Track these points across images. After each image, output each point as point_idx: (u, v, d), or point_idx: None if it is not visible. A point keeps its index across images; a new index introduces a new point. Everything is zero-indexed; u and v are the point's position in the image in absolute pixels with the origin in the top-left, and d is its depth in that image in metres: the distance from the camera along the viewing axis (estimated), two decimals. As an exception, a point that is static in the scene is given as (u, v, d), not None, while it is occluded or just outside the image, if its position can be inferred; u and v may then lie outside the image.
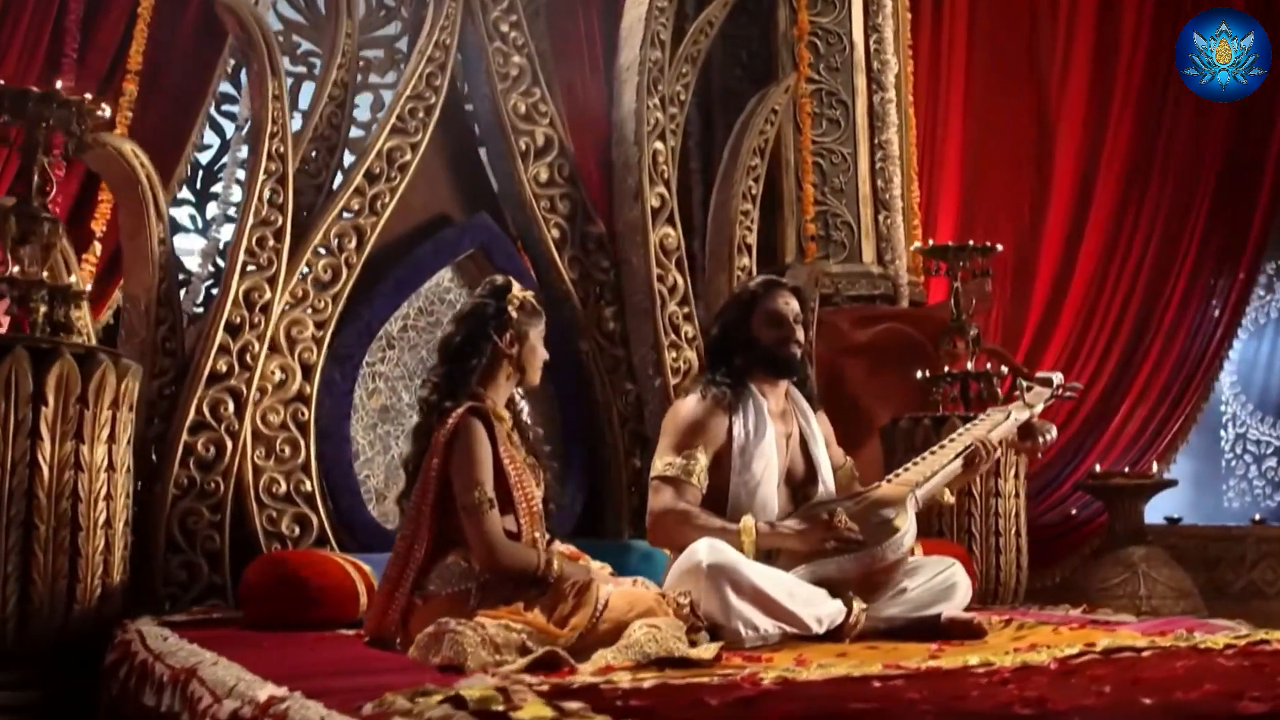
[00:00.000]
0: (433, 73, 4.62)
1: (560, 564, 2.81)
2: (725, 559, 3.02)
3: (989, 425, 3.70)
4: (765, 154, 5.29)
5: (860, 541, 3.24)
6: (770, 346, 3.45)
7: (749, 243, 5.15)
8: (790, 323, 3.45)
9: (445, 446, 2.84)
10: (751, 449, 3.36)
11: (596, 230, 4.93)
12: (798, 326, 3.47)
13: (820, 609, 3.11)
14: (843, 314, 5.92)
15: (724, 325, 3.56)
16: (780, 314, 3.45)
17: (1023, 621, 3.50)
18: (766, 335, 3.46)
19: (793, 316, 3.46)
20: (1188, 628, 3.10)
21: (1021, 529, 4.81)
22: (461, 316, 3.04)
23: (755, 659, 2.72)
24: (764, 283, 3.56)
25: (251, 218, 4.10)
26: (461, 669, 2.37)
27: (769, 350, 3.45)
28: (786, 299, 3.49)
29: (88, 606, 3.21)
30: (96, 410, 3.24)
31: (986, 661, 2.53)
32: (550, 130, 4.87)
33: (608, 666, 2.40)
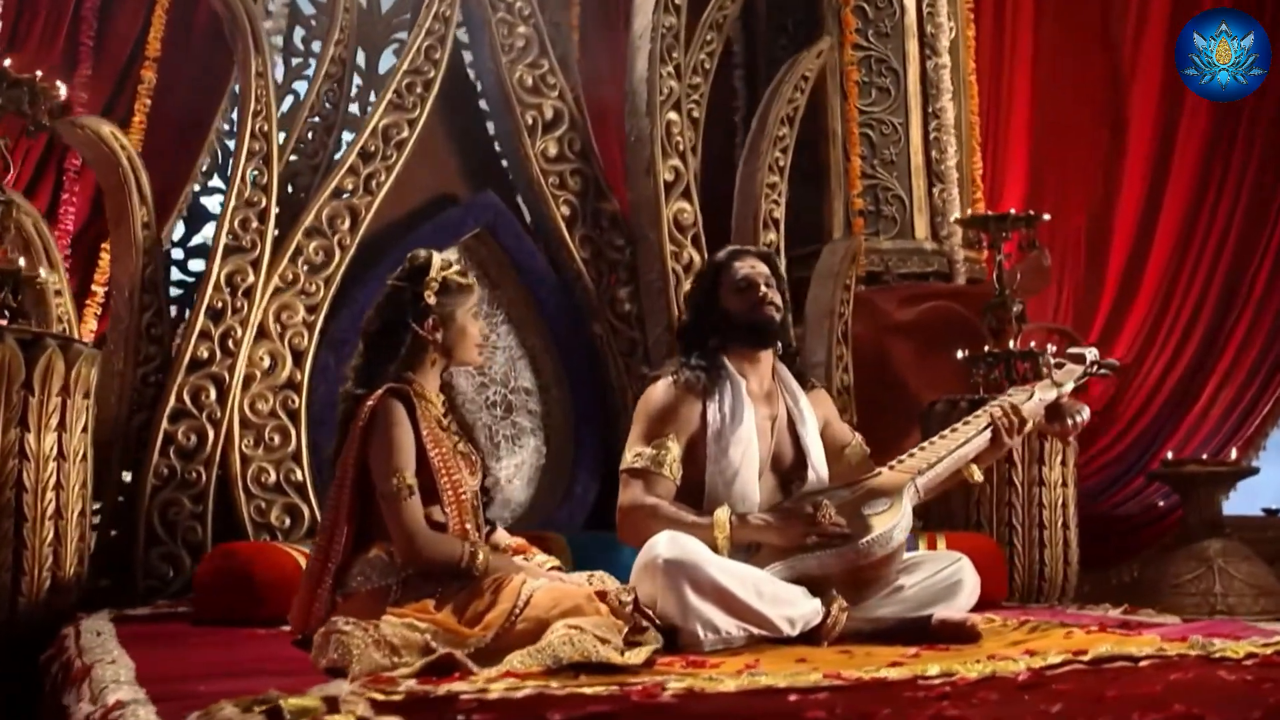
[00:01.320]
0: (431, 46, 4.44)
1: (487, 557, 2.59)
2: (684, 554, 2.76)
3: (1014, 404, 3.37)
4: (794, 123, 4.99)
5: (846, 535, 2.95)
6: (743, 314, 3.17)
7: (775, 217, 4.86)
8: (760, 285, 3.17)
9: (363, 431, 2.64)
10: (728, 434, 3.09)
11: (610, 207, 4.70)
12: (770, 289, 3.18)
13: (793, 609, 2.83)
14: (887, 292, 5.59)
15: (693, 305, 3.29)
16: (748, 278, 3.17)
17: (1038, 623, 3.16)
18: (737, 303, 3.18)
19: (763, 279, 3.18)
20: (1218, 633, 2.74)
21: (1070, 521, 4.43)
22: (379, 303, 2.82)
23: (700, 664, 2.46)
24: (728, 252, 3.28)
25: (234, 199, 3.98)
26: (346, 673, 2.18)
27: (742, 318, 3.17)
28: (752, 263, 3.21)
29: (35, 600, 3.11)
30: (44, 397, 3.13)
31: (948, 671, 2.23)
32: (560, 103, 4.66)
33: (507, 673, 2.17)
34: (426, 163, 4.54)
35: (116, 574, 3.76)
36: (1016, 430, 3.23)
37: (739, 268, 3.20)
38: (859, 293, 5.29)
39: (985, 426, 3.22)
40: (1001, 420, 3.20)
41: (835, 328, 4.96)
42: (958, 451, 3.18)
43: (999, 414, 3.22)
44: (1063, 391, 3.44)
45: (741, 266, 3.20)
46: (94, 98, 5.21)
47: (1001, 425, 3.19)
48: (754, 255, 3.26)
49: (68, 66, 5.18)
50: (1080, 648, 2.47)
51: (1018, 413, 3.24)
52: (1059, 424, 3.46)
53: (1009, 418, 3.21)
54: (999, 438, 3.20)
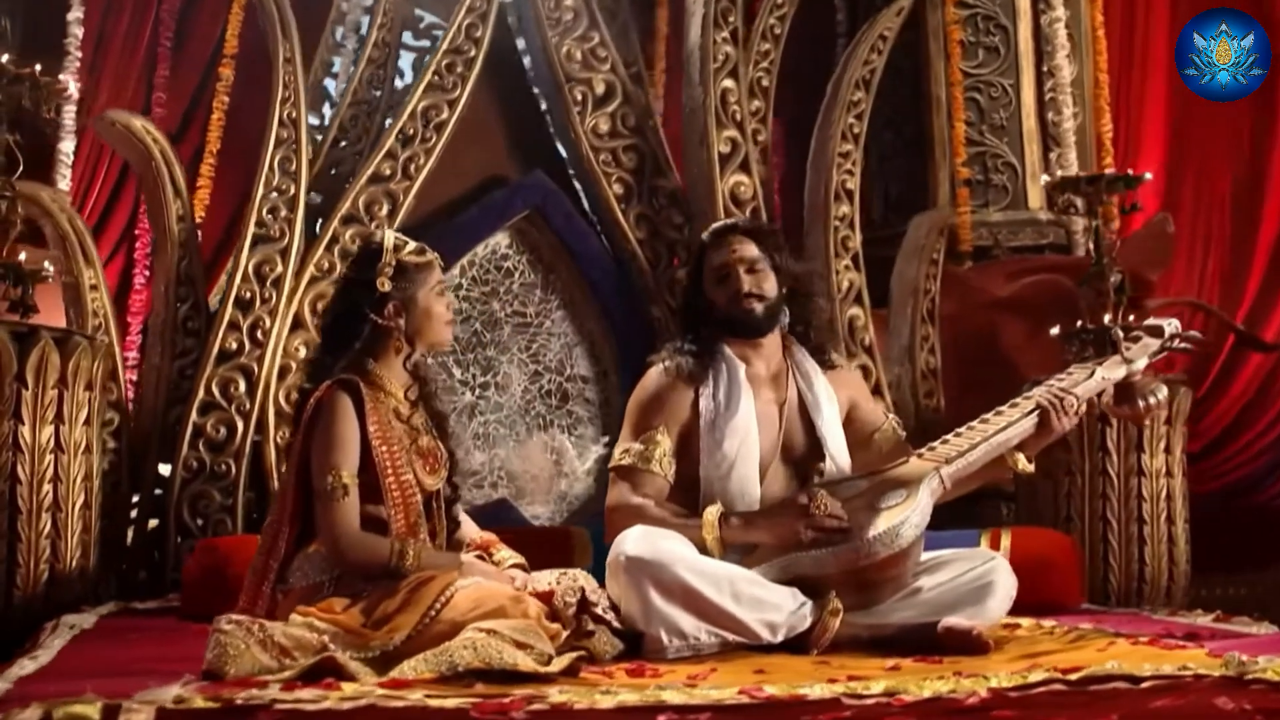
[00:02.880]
0: (473, 24, 4.29)
1: (418, 557, 2.40)
2: (649, 551, 2.51)
3: (1067, 385, 2.96)
4: (871, 86, 4.63)
5: (845, 531, 2.64)
6: (723, 307, 2.86)
7: (849, 188, 4.51)
8: (739, 274, 2.84)
9: (307, 425, 2.50)
10: (722, 424, 2.80)
11: (669, 184, 4.46)
12: (751, 275, 2.84)
13: (776, 614, 2.54)
14: (992, 267, 5.16)
15: (683, 290, 3.01)
16: (726, 266, 2.86)
17: (1085, 632, 2.78)
18: (718, 295, 2.87)
19: (745, 265, 2.85)
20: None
21: (1176, 515, 3.93)
22: (333, 296, 2.66)
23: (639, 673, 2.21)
24: (711, 232, 2.96)
25: (261, 187, 3.91)
26: (220, 675, 2.03)
27: (723, 312, 2.87)
28: (734, 245, 2.87)
29: (31, 593, 3.10)
30: (39, 390, 3.12)
31: (891, 690, 1.92)
32: (612, 76, 4.44)
33: (392, 680, 1.98)
34: (476, 144, 4.40)
35: (152, 566, 3.75)
36: (1069, 414, 2.83)
37: (717, 255, 2.89)
38: (951, 270, 4.88)
39: (1030, 410, 2.84)
40: (1049, 401, 2.81)
41: (920, 306, 4.59)
42: (996, 438, 2.80)
43: (1047, 396, 2.83)
44: (1133, 369, 3.01)
45: (719, 253, 2.89)
46: (174, 97, 5.31)
47: (1051, 408, 2.80)
48: (739, 235, 2.91)
49: (148, 67, 5.29)
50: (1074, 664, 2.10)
51: (1070, 394, 2.84)
52: (1128, 406, 3.05)
53: (1058, 400, 2.82)
54: (1048, 422, 2.81)
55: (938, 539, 3.67)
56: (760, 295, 2.83)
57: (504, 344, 4.40)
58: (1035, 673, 2.03)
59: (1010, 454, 2.82)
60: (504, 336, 4.40)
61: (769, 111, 4.62)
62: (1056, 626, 2.90)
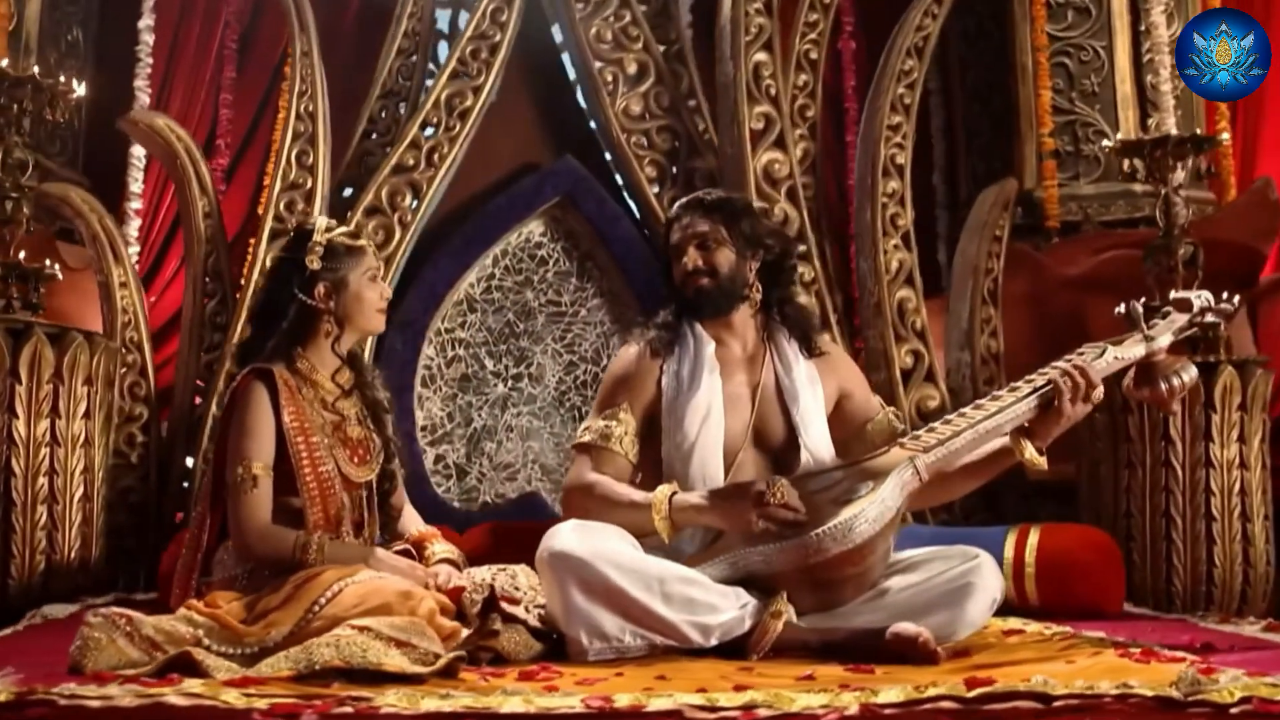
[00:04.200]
0: (498, 8, 4.21)
1: (321, 549, 2.32)
2: (574, 546, 2.35)
3: None
4: (924, 54, 4.33)
5: (800, 524, 2.43)
6: (679, 286, 2.72)
7: (899, 162, 4.24)
8: (689, 252, 2.68)
9: (224, 415, 2.46)
10: (683, 403, 2.64)
11: (706, 165, 4.28)
12: (700, 251, 2.67)
13: (711, 616, 2.35)
14: (1066, 244, 4.78)
15: (662, 268, 2.86)
16: (677, 245, 2.70)
17: (1080, 640, 2.50)
18: (675, 273, 2.73)
19: (695, 240, 2.68)
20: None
21: (1254, 511, 3.52)
22: (266, 273, 2.62)
23: (531, 676, 2.07)
24: (674, 209, 2.80)
25: (279, 182, 3.92)
26: (80, 669, 1.99)
27: (679, 291, 2.72)
28: (685, 222, 2.71)
29: (26, 583, 3.15)
30: (32, 384, 3.18)
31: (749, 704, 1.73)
32: (644, 55, 4.29)
33: (245, 678, 1.90)
34: (508, 131, 4.33)
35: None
36: (1082, 396, 2.54)
37: (672, 233, 2.75)
38: (1019, 248, 4.54)
39: (1033, 392, 2.56)
40: (1064, 382, 2.52)
41: (980, 286, 4.27)
42: (984, 424, 2.54)
43: (1059, 376, 2.55)
44: (1155, 347, 2.68)
45: (674, 230, 2.74)
46: (242, 98, 5.41)
47: (1064, 388, 2.52)
48: (695, 211, 2.74)
49: (219, 71, 5.40)
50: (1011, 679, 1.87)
51: (1085, 374, 2.55)
52: (1149, 388, 2.69)
53: (1073, 380, 2.53)
54: (1060, 405, 2.52)
55: (955, 536, 3.42)
56: (708, 272, 2.65)
57: (537, 334, 4.30)
58: (937, 688, 1.80)
59: (1018, 442, 2.55)
60: (538, 326, 4.31)
61: (818, 84, 4.38)
62: (1058, 633, 2.64)
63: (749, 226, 2.73)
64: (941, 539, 3.33)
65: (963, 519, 4.03)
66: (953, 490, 2.75)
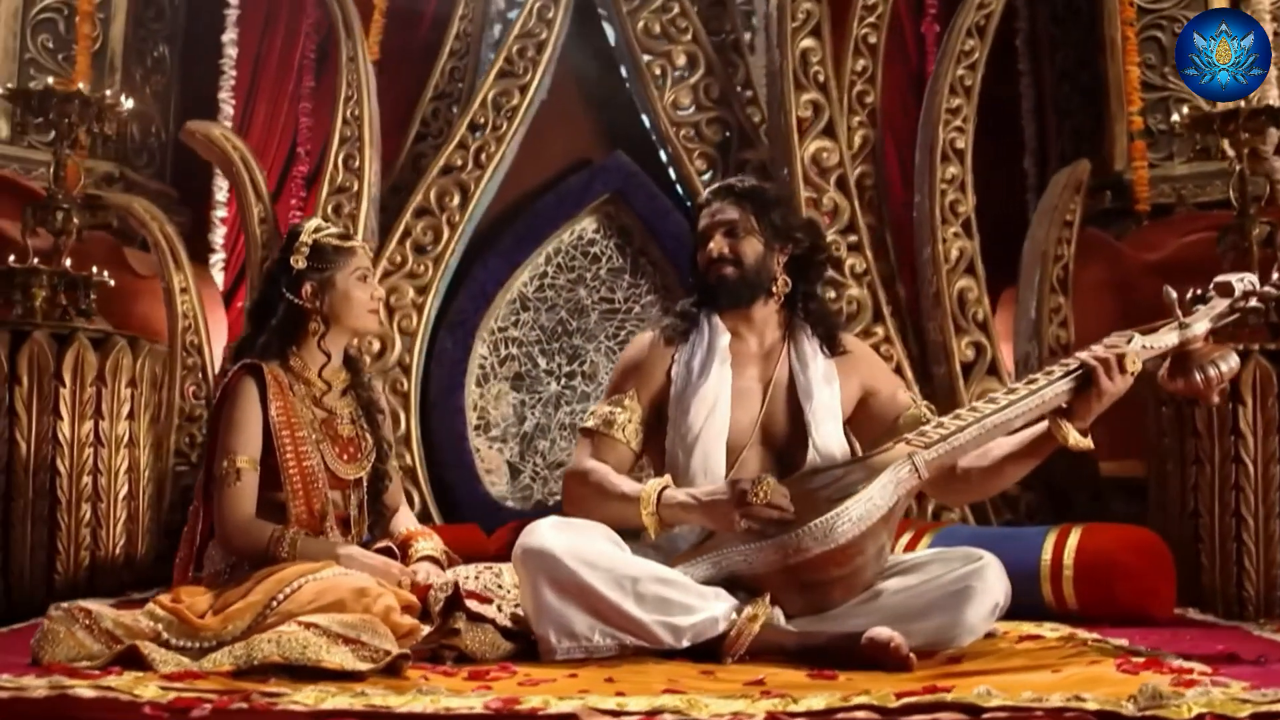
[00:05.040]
0: (544, 6, 4.19)
1: (293, 544, 2.34)
2: (548, 543, 2.29)
3: None
4: (986, 34, 4.16)
5: (786, 523, 2.33)
6: (702, 273, 2.65)
7: (958, 147, 4.07)
8: (715, 239, 2.61)
9: (214, 412, 2.50)
10: (690, 394, 2.57)
11: (757, 156, 4.18)
12: (728, 239, 2.60)
13: (683, 617, 2.27)
14: (1151, 229, 4.50)
15: (689, 255, 2.81)
16: (704, 232, 2.64)
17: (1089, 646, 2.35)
18: (700, 260, 2.66)
19: (722, 228, 2.61)
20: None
21: (1286, 512, 3.25)
22: (261, 275, 2.67)
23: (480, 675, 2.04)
24: (704, 195, 2.73)
25: (326, 185, 3.99)
26: (38, 660, 2.04)
27: (702, 278, 2.65)
28: (714, 209, 2.64)
29: (72, 578, 3.27)
30: (76, 387, 3.30)
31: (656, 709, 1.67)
32: (693, 47, 4.22)
33: (186, 672, 1.91)
34: (561, 129, 4.31)
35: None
36: (1111, 384, 2.37)
37: (701, 220, 2.68)
38: (1093, 233, 4.30)
39: (1064, 375, 2.40)
40: (1099, 361, 2.36)
41: (1050, 274, 4.07)
42: (992, 419, 2.40)
43: (1101, 363, 2.38)
44: (1190, 335, 2.48)
45: (702, 217, 2.68)
46: (320, 107, 5.52)
47: (1099, 366, 2.36)
48: (726, 198, 2.67)
49: (298, 80, 5.53)
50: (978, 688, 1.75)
51: (1119, 364, 2.38)
52: (1183, 379, 2.49)
53: (1106, 366, 2.37)
54: (1097, 382, 2.35)
55: (994, 537, 3.25)
56: (734, 260, 2.58)
57: (590, 331, 4.28)
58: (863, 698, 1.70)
59: (1058, 425, 2.39)
60: (590, 324, 4.28)
61: (878, 69, 4.24)
62: (1071, 639, 2.47)
63: (779, 217, 2.65)
64: (980, 539, 3.18)
65: (1026, 518, 3.84)
66: (996, 481, 2.59)
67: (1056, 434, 2.38)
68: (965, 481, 2.51)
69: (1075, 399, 2.38)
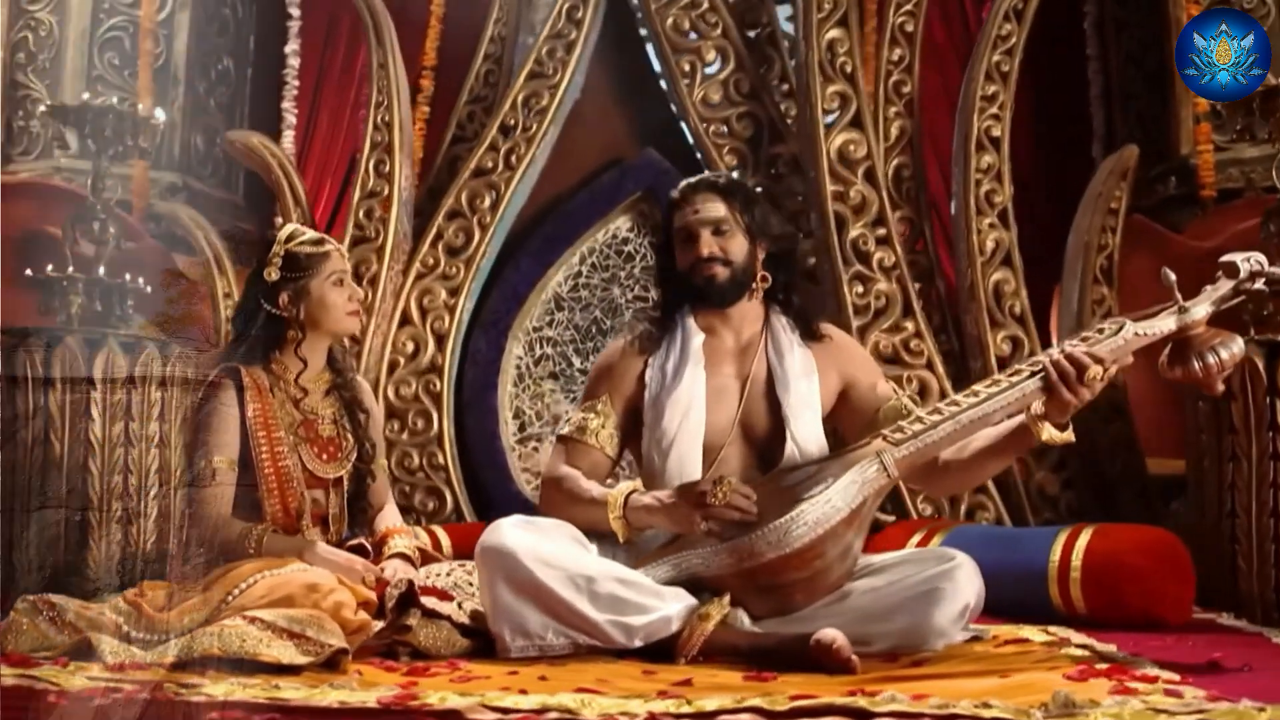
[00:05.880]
0: (574, 6, 4.20)
1: (259, 541, 2.39)
2: (505, 542, 2.30)
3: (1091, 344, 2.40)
4: (1024, 18, 4.03)
5: (747, 525, 2.29)
6: (686, 273, 2.59)
7: (994, 135, 3.96)
8: (703, 237, 2.56)
9: (194, 414, 2.57)
10: (664, 398, 2.55)
11: (788, 150, 4.12)
12: (716, 237, 2.55)
13: (636, 616, 2.25)
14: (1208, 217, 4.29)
15: (657, 253, 2.77)
16: (687, 229, 2.57)
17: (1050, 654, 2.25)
18: (682, 259, 2.60)
19: (709, 226, 2.56)
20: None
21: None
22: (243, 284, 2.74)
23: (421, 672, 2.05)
24: (678, 190, 2.66)
25: (358, 190, 4.06)
26: (2, 651, 2.12)
27: (686, 278, 2.60)
28: (698, 205, 2.58)
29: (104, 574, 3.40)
30: (106, 390, 3.41)
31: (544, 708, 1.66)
32: (723, 41, 4.18)
33: (127, 664, 1.98)
34: (594, 129, 4.32)
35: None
36: (1075, 379, 2.28)
37: (681, 215, 2.61)
38: (1139, 220, 4.12)
39: (1028, 375, 2.33)
40: (1052, 371, 2.29)
41: (1093, 264, 3.93)
42: (967, 414, 2.33)
43: (1050, 364, 2.31)
44: (1189, 319, 2.37)
45: (683, 212, 2.61)
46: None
47: (1053, 375, 2.28)
48: (705, 192, 2.61)
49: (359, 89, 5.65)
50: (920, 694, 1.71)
51: (1074, 360, 2.29)
52: (1181, 367, 2.37)
53: (1060, 369, 2.28)
54: (1056, 393, 2.29)
55: (1006, 536, 3.14)
56: (724, 259, 2.54)
57: (624, 331, 4.27)
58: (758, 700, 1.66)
59: (1035, 424, 2.32)
60: (624, 323, 4.27)
61: (914, 59, 4.15)
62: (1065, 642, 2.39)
63: (760, 214, 2.61)
64: (990, 540, 3.11)
65: (1068, 516, 3.70)
66: (975, 474, 2.54)
67: (1032, 429, 2.30)
68: (945, 474, 2.45)
69: (1049, 399, 2.29)
